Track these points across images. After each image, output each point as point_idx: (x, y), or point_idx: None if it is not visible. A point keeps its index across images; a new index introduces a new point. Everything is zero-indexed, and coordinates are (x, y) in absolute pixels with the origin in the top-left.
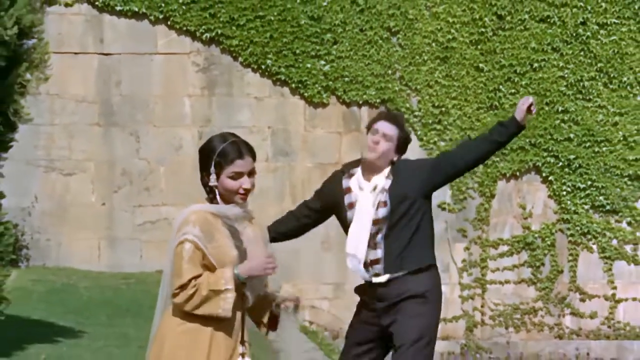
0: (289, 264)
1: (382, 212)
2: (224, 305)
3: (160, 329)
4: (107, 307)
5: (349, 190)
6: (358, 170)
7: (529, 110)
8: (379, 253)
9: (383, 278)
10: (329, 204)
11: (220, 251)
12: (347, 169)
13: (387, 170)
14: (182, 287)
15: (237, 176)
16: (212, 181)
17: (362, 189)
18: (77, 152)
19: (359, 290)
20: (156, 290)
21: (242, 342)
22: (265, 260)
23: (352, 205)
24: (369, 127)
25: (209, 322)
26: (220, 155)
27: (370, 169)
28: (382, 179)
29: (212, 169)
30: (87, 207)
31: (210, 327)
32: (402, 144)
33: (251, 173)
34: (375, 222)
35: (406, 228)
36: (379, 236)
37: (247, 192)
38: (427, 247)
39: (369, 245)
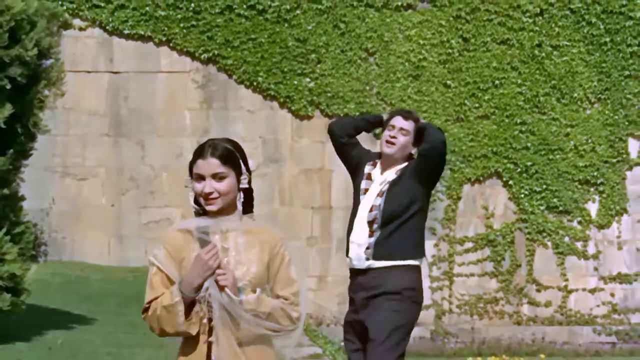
0: None
1: (378, 200)
2: (179, 320)
3: None
4: (116, 297)
5: (369, 177)
6: (378, 162)
7: None
8: (372, 240)
9: (365, 264)
10: (355, 160)
11: (196, 273)
12: (372, 158)
13: (401, 166)
14: (145, 310)
15: (199, 178)
16: (188, 183)
17: (374, 180)
18: (90, 159)
19: (349, 287)
20: None
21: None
22: (202, 259)
23: (366, 192)
24: (385, 125)
25: (184, 344)
26: (193, 156)
27: (387, 163)
28: (392, 174)
29: (189, 170)
30: (98, 208)
31: (182, 348)
32: (418, 136)
33: (220, 177)
34: (371, 208)
35: (400, 221)
36: (375, 225)
37: (209, 196)
38: (414, 246)
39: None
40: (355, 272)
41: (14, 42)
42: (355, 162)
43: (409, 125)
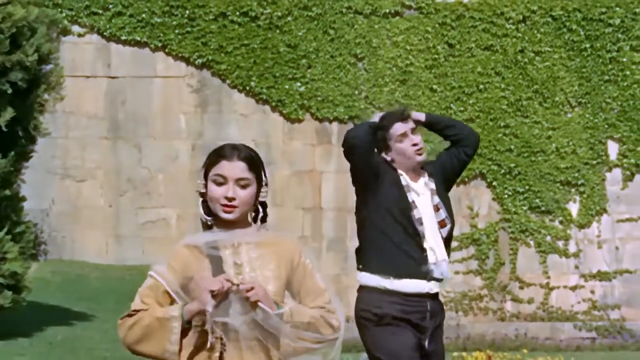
0: None
1: (443, 213)
2: (171, 337)
3: None
4: (114, 294)
5: (409, 189)
6: (402, 172)
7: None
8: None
9: (439, 286)
10: (376, 168)
11: (197, 295)
12: (388, 165)
13: (423, 170)
14: (128, 316)
15: (221, 180)
16: (200, 187)
17: (416, 191)
18: (89, 161)
19: (397, 306)
20: None
21: None
22: (213, 283)
23: (415, 205)
24: (387, 135)
25: None
26: (209, 156)
27: (414, 173)
28: (429, 181)
29: (202, 173)
30: (97, 208)
31: None
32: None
33: (244, 184)
34: (442, 224)
35: (450, 233)
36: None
37: (230, 201)
38: None
39: None
40: (422, 296)
41: (15, 48)
42: (375, 170)
43: (411, 124)
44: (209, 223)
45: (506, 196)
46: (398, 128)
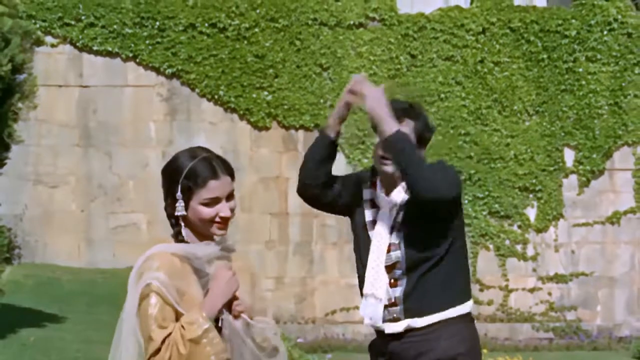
0: None
1: (397, 236)
2: (213, 350)
3: None
4: (86, 297)
5: (372, 204)
6: (377, 182)
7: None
8: (397, 291)
9: (400, 325)
10: (343, 199)
11: (190, 306)
12: (364, 179)
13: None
14: (156, 352)
15: (212, 202)
16: (180, 210)
17: (381, 207)
18: (61, 168)
19: (374, 348)
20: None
21: None
22: (228, 277)
23: (374, 224)
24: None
25: None
26: (188, 176)
27: (389, 182)
28: (402, 194)
29: (179, 194)
30: (69, 213)
31: None
32: (421, 137)
33: (230, 196)
34: (389, 248)
35: (431, 258)
36: (398, 270)
37: (225, 220)
38: (456, 286)
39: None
40: (385, 335)
41: None
42: (342, 201)
43: (405, 126)
44: (182, 240)
45: (466, 201)
46: None
